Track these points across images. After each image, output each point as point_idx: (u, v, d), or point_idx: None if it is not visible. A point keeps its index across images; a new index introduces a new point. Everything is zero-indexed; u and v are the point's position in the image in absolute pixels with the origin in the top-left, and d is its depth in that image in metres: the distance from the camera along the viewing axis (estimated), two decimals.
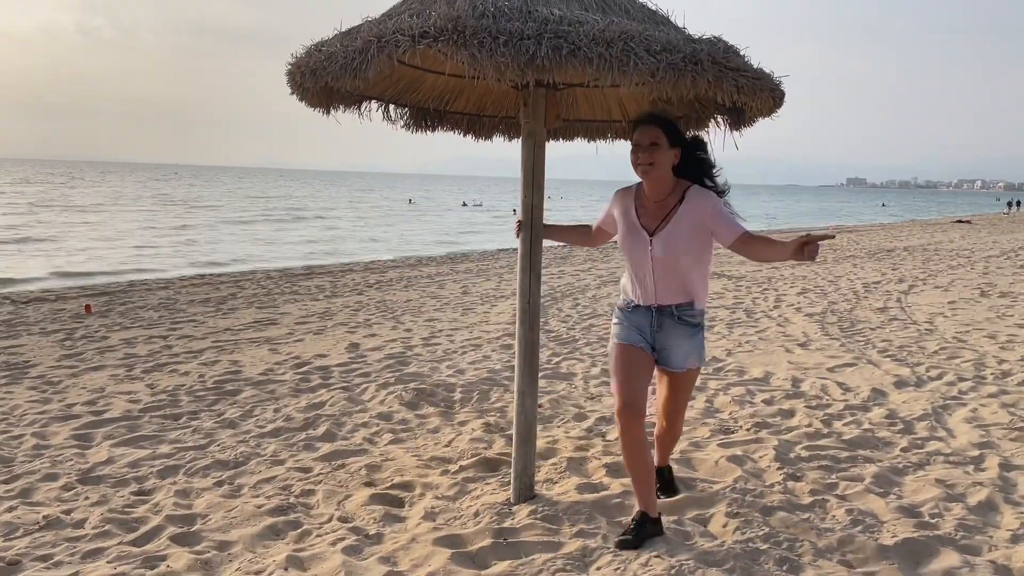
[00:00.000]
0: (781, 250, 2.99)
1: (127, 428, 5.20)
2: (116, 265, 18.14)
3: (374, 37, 2.91)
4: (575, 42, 2.75)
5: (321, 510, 3.87)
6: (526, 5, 2.89)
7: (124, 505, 3.94)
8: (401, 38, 2.85)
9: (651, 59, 2.78)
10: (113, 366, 7.03)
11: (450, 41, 2.78)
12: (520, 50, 2.74)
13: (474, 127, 4.46)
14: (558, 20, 2.81)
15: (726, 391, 6.03)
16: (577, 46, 2.75)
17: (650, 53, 2.78)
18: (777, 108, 3.39)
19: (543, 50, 2.73)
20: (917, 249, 20.95)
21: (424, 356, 7.42)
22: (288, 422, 5.30)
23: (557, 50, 2.74)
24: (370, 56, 2.91)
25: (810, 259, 2.87)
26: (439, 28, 2.79)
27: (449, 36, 2.77)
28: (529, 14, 2.84)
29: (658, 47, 2.80)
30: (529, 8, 2.87)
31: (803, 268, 15.66)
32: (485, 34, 2.76)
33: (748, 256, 3.21)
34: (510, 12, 2.83)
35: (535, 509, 3.65)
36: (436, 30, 2.80)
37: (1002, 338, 8.14)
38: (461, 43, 2.77)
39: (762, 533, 3.41)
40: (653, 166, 3.24)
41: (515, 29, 2.76)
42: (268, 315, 10.04)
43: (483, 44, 2.76)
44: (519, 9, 2.86)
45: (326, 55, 3.05)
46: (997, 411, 5.43)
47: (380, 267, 17.22)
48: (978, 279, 13.74)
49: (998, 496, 3.92)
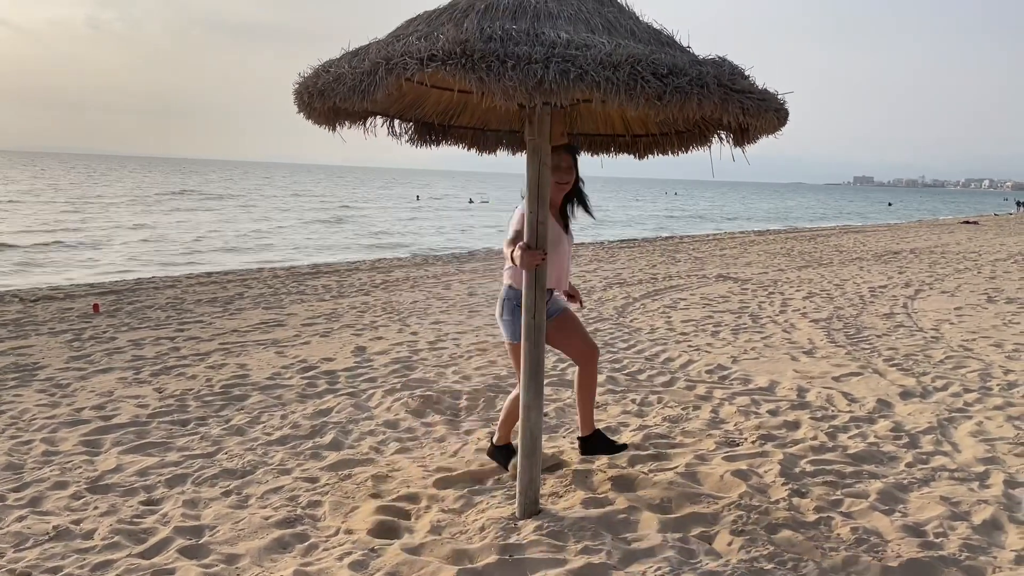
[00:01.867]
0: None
1: (135, 434, 5.24)
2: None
3: (382, 59, 2.93)
4: (582, 66, 2.76)
5: (328, 522, 3.89)
6: (533, 28, 2.91)
7: (133, 515, 3.97)
8: (410, 61, 2.86)
9: (658, 83, 2.79)
10: (121, 368, 7.07)
11: (458, 65, 2.79)
12: (528, 74, 2.76)
13: (478, 141, 4.48)
14: (565, 44, 2.82)
15: (731, 400, 6.04)
16: (584, 70, 2.76)
17: (656, 76, 2.79)
18: (781, 126, 3.40)
19: (551, 74, 2.75)
20: (924, 251, 20.89)
21: (430, 361, 7.45)
22: (295, 429, 5.33)
23: (565, 74, 2.76)
24: (378, 78, 2.93)
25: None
26: (447, 52, 2.81)
27: (457, 60, 2.79)
28: (536, 37, 2.85)
29: (664, 70, 2.81)
30: (536, 31, 2.89)
31: (809, 271, 15.64)
32: (493, 58, 2.78)
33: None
34: (517, 36, 2.84)
35: (540, 525, 3.67)
36: (444, 53, 2.82)
37: (1008, 347, 8.13)
38: (469, 67, 2.78)
39: (767, 552, 3.43)
40: (569, 184, 4.04)
41: (523, 53, 2.77)
42: (275, 316, 10.08)
43: (491, 68, 2.77)
44: (527, 32, 2.87)
45: (334, 76, 3.07)
46: (1003, 424, 5.43)
47: (386, 266, 17.25)
48: (985, 284, 13.70)
49: (1003, 515, 3.93)
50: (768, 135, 3.48)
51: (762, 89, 3.15)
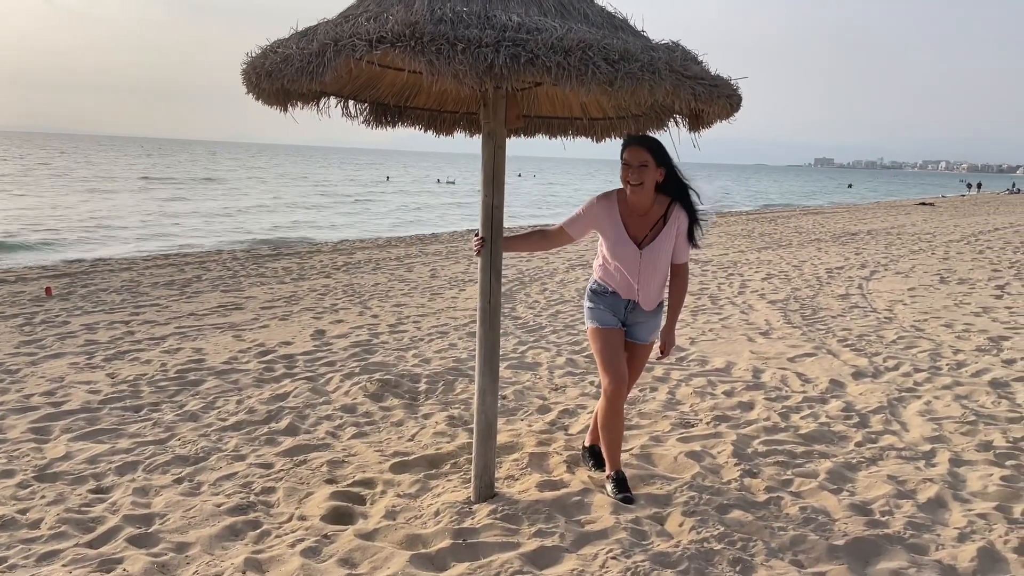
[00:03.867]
0: (672, 309, 3.94)
1: (86, 421, 5.14)
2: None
3: (331, 40, 2.87)
4: (533, 50, 2.74)
5: (281, 509, 3.87)
6: (484, 11, 2.87)
7: (81, 504, 3.91)
8: (358, 42, 2.81)
9: (609, 68, 2.77)
10: (73, 353, 6.93)
11: (407, 47, 2.75)
12: (478, 58, 2.72)
13: (435, 123, 4.44)
14: (516, 27, 2.79)
15: (688, 382, 6.10)
16: (535, 55, 2.74)
17: (608, 62, 2.78)
18: (734, 112, 3.41)
19: (501, 58, 2.72)
20: (880, 233, 21.25)
21: (390, 344, 7.41)
22: (251, 415, 5.27)
23: (515, 58, 2.73)
24: (326, 59, 2.87)
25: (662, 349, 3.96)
26: (396, 33, 2.76)
27: (406, 42, 2.74)
28: (487, 20, 2.82)
29: (616, 56, 2.80)
30: (488, 14, 2.85)
31: (768, 252, 15.82)
32: (443, 41, 2.74)
33: (666, 280, 3.89)
34: (468, 18, 2.80)
35: (495, 508, 3.68)
36: (393, 35, 2.77)
37: (958, 327, 8.31)
38: (419, 49, 2.74)
39: (717, 533, 3.47)
40: (642, 185, 3.62)
41: (473, 36, 2.74)
42: (233, 299, 9.94)
43: (440, 51, 2.73)
44: (477, 15, 2.84)
45: (282, 57, 3.00)
46: (950, 404, 5.56)
47: (348, 248, 17.10)
48: (938, 264, 13.98)
49: (947, 493, 4.03)
50: (722, 120, 3.49)
51: (714, 75, 3.15)
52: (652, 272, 3.76)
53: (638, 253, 3.73)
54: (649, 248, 3.72)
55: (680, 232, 3.74)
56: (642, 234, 3.73)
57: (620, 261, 3.77)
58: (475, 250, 3.69)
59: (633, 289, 3.81)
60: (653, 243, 3.71)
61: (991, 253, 15.94)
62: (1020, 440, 4.86)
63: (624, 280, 3.81)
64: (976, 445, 4.76)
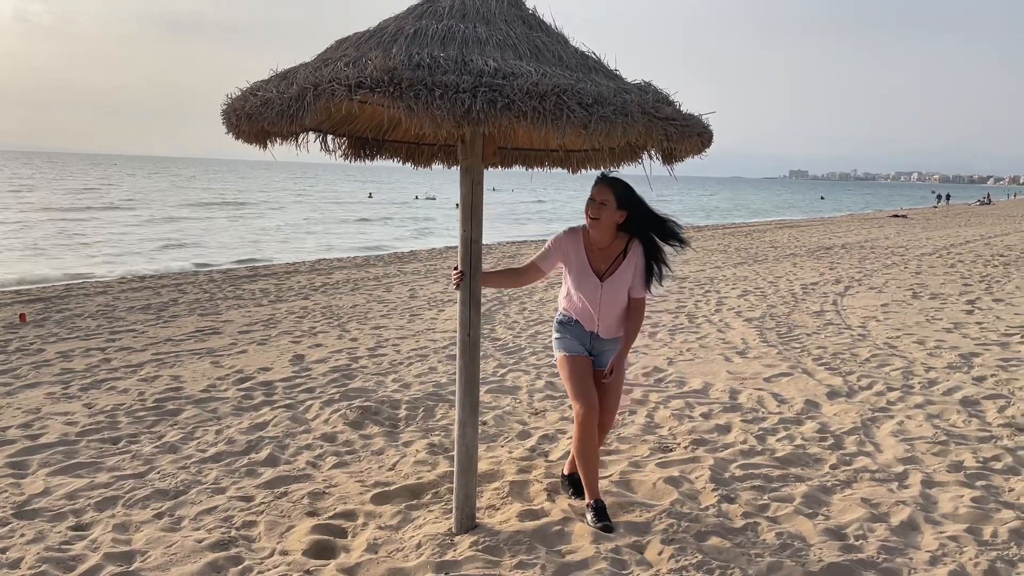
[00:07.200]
0: (625, 338, 4.01)
1: (64, 454, 5.11)
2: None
3: (310, 85, 2.92)
4: (509, 96, 2.80)
5: (263, 543, 3.87)
6: (462, 55, 2.93)
7: (61, 542, 3.88)
8: (338, 87, 2.87)
9: (583, 112, 2.85)
10: (49, 383, 6.88)
11: (386, 93, 2.81)
12: (456, 103, 2.78)
13: (413, 155, 4.50)
14: (492, 72, 2.85)
15: (666, 404, 6.17)
16: (511, 100, 2.80)
17: (582, 106, 2.85)
18: (706, 148, 3.50)
19: (478, 104, 2.78)
20: (854, 247, 21.54)
21: (370, 368, 7.42)
22: (230, 445, 5.27)
23: (492, 104, 2.79)
24: (306, 104, 2.92)
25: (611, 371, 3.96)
26: (375, 79, 2.82)
27: (385, 88, 2.80)
28: (464, 65, 2.88)
29: (590, 100, 2.87)
30: (465, 59, 2.91)
31: (745, 268, 16.00)
32: (421, 86, 2.80)
33: (623, 313, 4.02)
34: (445, 64, 2.86)
35: (476, 540, 3.71)
36: (372, 81, 2.83)
37: (930, 344, 8.46)
38: (397, 95, 2.80)
39: (695, 561, 3.53)
40: (598, 220, 3.82)
41: (450, 82, 2.80)
42: (211, 323, 9.91)
43: (419, 96, 2.79)
44: (455, 60, 2.90)
45: (262, 100, 3.05)
46: (922, 424, 5.67)
47: (327, 268, 17.07)
48: (911, 279, 14.21)
49: (919, 515, 4.11)
50: (694, 156, 3.58)
51: (686, 114, 3.23)
52: (612, 303, 3.95)
53: (599, 284, 3.92)
54: (609, 280, 3.92)
55: (637, 269, 3.93)
56: (604, 266, 3.93)
57: (583, 292, 3.96)
58: (454, 284, 3.75)
59: (594, 320, 3.99)
60: (613, 276, 3.92)
61: (962, 267, 16.22)
62: (990, 460, 4.97)
63: (585, 310, 3.98)
64: (947, 466, 4.86)
